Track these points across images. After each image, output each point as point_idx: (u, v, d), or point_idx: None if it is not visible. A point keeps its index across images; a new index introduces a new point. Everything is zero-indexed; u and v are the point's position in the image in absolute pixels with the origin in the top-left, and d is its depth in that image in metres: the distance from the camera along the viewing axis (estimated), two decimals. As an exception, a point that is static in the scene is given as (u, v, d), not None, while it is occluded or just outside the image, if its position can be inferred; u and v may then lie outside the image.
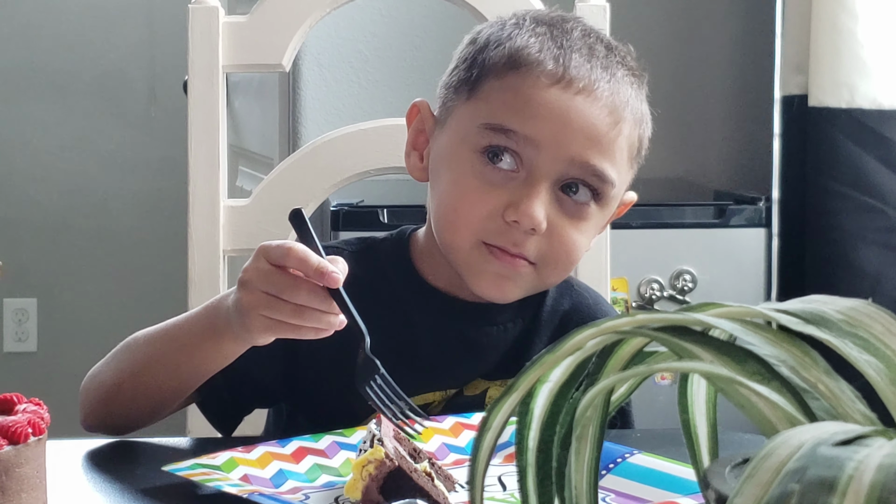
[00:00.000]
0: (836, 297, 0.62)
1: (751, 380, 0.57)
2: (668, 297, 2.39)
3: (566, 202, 1.31)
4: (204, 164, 1.61)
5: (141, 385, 1.30)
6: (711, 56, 2.82)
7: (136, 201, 3.85)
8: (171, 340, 1.29)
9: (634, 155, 1.35)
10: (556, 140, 1.29)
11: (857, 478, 0.46)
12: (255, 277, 1.19)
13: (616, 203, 1.36)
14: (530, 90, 1.30)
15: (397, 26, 2.74)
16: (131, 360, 1.31)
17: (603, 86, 1.31)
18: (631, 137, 1.33)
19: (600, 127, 1.30)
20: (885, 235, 2.33)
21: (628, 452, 1.18)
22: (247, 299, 1.20)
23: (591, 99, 1.30)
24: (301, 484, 1.15)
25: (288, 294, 1.18)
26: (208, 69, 1.61)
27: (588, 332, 0.62)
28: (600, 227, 1.37)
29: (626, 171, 1.34)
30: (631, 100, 1.33)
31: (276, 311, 1.19)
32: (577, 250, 1.33)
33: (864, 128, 2.32)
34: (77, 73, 3.84)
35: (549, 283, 1.36)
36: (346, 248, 1.40)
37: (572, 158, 1.29)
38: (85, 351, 3.97)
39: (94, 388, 1.33)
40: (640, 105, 1.34)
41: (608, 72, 1.32)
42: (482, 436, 0.62)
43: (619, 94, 1.32)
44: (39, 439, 0.96)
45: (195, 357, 1.28)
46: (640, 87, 1.36)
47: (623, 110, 1.31)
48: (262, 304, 1.19)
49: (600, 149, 1.30)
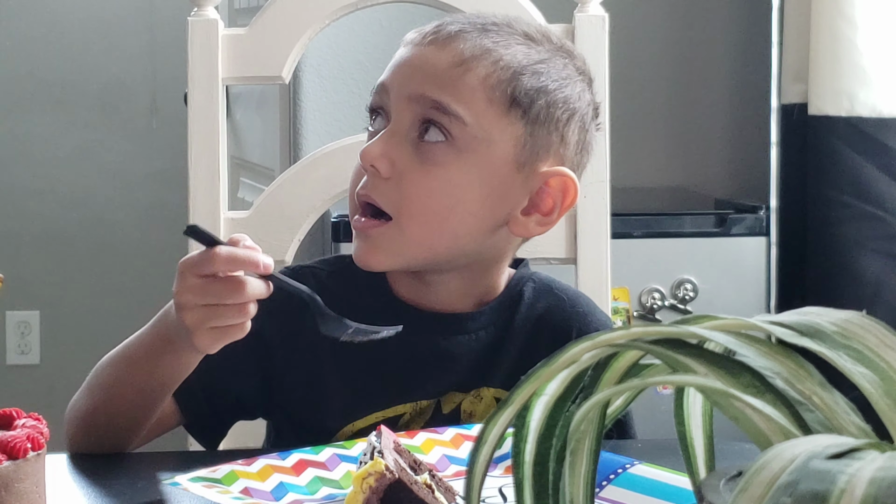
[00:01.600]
0: (830, 309, 0.62)
1: (745, 393, 0.57)
2: (669, 307, 2.39)
3: (422, 147, 1.30)
4: (204, 176, 1.61)
5: (112, 408, 1.30)
6: (711, 65, 2.83)
7: (137, 213, 3.86)
8: (131, 361, 1.29)
9: (507, 101, 1.29)
10: (398, 81, 1.31)
11: (849, 491, 0.46)
12: (191, 294, 1.18)
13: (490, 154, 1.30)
14: (398, 53, 1.35)
15: (398, 37, 2.73)
16: (100, 386, 1.32)
17: (463, 36, 1.31)
18: (490, 79, 1.29)
19: (439, 65, 1.30)
20: (886, 244, 2.33)
21: (629, 463, 1.18)
22: (190, 319, 1.18)
23: (441, 45, 1.31)
24: (302, 496, 1.15)
25: (231, 297, 1.17)
26: (208, 81, 1.61)
27: (583, 345, 0.62)
28: (483, 189, 1.30)
29: (491, 115, 1.29)
30: (500, 48, 1.31)
31: (223, 318, 1.18)
32: (432, 197, 1.29)
33: (863, 136, 2.32)
34: (78, 84, 3.85)
35: (416, 240, 1.30)
36: (324, 269, 1.40)
37: (410, 95, 1.30)
38: (88, 363, 3.96)
39: (73, 416, 1.34)
40: (521, 58, 1.31)
41: (480, 30, 1.32)
42: (478, 449, 0.62)
43: (480, 43, 1.31)
44: (39, 454, 0.96)
45: (156, 373, 1.27)
46: (551, 54, 1.33)
47: (479, 55, 1.30)
48: (208, 318, 1.18)
49: (438, 83, 1.29)
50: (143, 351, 1.28)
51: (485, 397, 1.35)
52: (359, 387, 1.34)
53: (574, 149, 1.34)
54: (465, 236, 1.31)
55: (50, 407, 1.42)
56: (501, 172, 1.30)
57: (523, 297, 1.38)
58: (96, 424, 1.31)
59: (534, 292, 1.38)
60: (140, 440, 1.34)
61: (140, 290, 3.80)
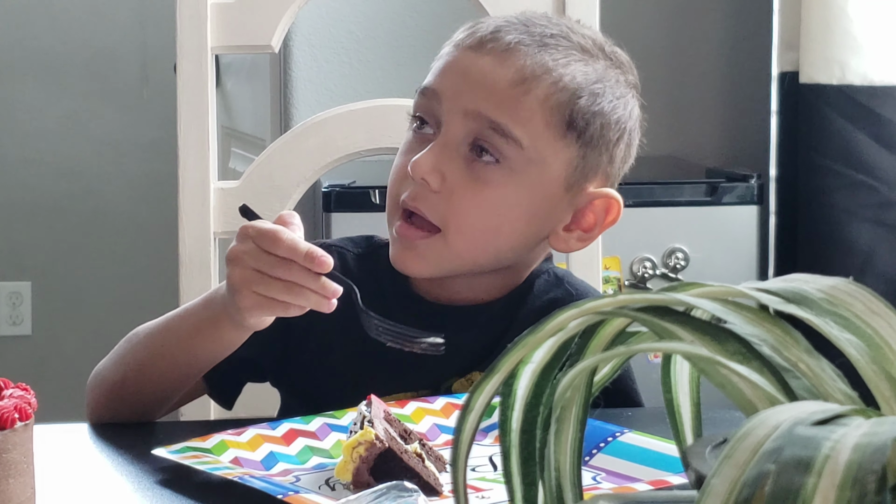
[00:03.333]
0: (817, 276, 0.62)
1: (731, 360, 0.57)
2: (660, 276, 2.39)
3: (475, 165, 1.29)
4: (194, 146, 1.61)
5: (144, 379, 1.30)
6: (703, 34, 2.82)
7: (128, 183, 3.85)
8: (171, 332, 1.29)
9: (565, 125, 1.28)
10: (453, 92, 1.29)
11: (834, 457, 0.46)
12: (245, 255, 1.19)
13: (543, 175, 1.29)
14: (450, 55, 1.32)
15: (388, 6, 2.73)
16: (134, 355, 1.31)
17: (522, 49, 1.28)
18: (549, 101, 1.28)
19: (499, 82, 1.28)
20: (877, 212, 2.33)
21: (619, 431, 1.18)
22: (238, 275, 1.19)
23: (501, 59, 1.29)
24: (292, 466, 1.15)
25: (280, 272, 1.18)
26: (197, 50, 1.61)
27: (570, 312, 0.62)
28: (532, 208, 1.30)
29: (547, 138, 1.28)
30: (559, 67, 1.28)
31: (267, 288, 1.18)
32: (482, 216, 1.29)
33: (855, 104, 2.32)
34: (68, 54, 3.83)
35: (461, 254, 1.30)
36: (352, 250, 1.40)
37: (466, 110, 1.28)
38: (80, 333, 3.98)
39: (98, 384, 1.33)
40: (581, 79, 1.29)
41: (539, 43, 1.30)
42: (465, 417, 0.62)
43: (540, 59, 1.28)
44: (26, 424, 0.96)
45: (195, 347, 1.28)
46: (605, 70, 1.32)
47: (540, 72, 1.28)
48: (254, 281, 1.18)
49: (497, 103, 1.27)
50: (187, 326, 1.28)
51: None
52: (363, 371, 1.34)
53: (619, 164, 1.35)
54: (508, 251, 1.33)
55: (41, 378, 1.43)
56: (550, 192, 1.31)
57: (532, 290, 1.38)
58: (124, 395, 1.31)
59: (545, 285, 1.39)
60: (165, 412, 1.35)
61: (131, 261, 3.80)
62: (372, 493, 0.98)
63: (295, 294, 1.18)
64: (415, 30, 2.71)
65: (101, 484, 1.14)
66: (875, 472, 0.45)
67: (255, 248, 1.18)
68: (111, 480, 1.14)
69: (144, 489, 1.10)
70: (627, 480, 1.12)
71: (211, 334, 1.26)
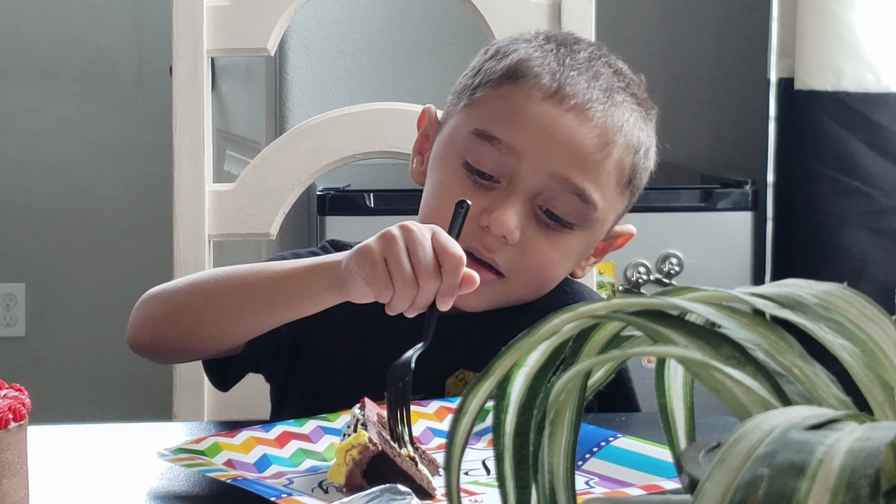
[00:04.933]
0: (811, 281, 0.62)
1: (725, 364, 0.57)
2: (654, 281, 2.39)
3: (545, 219, 1.31)
4: (189, 149, 1.61)
5: (214, 308, 1.27)
6: (699, 40, 2.82)
7: (123, 186, 3.85)
8: (261, 270, 1.26)
9: (625, 183, 1.33)
10: (538, 152, 1.29)
11: (827, 462, 0.46)
12: (409, 233, 1.16)
13: (602, 230, 1.35)
14: (522, 101, 1.31)
15: (384, 10, 2.73)
16: (211, 284, 1.28)
17: (597, 107, 1.30)
18: (622, 163, 1.32)
19: (586, 146, 1.29)
20: (872, 218, 2.33)
21: (612, 436, 1.18)
22: (389, 234, 1.16)
23: (582, 118, 1.30)
24: (285, 469, 1.15)
25: (421, 270, 1.15)
26: (193, 54, 1.61)
27: (564, 316, 0.62)
28: (583, 253, 1.35)
29: (613, 198, 1.33)
30: (627, 125, 1.32)
31: (397, 266, 1.15)
32: (551, 268, 1.32)
33: (850, 111, 2.32)
34: (64, 57, 3.83)
35: (518, 298, 1.34)
36: None
37: (552, 173, 1.29)
38: (74, 335, 3.98)
39: (159, 303, 1.30)
40: (638, 133, 1.33)
41: (607, 94, 1.31)
42: (458, 420, 0.62)
43: (614, 118, 1.31)
44: (20, 425, 0.96)
45: (278, 287, 1.23)
46: (643, 117, 1.35)
47: (615, 134, 1.31)
48: (396, 250, 1.15)
49: (583, 167, 1.29)
50: (284, 267, 1.24)
51: (467, 380, 1.36)
52: (359, 377, 1.34)
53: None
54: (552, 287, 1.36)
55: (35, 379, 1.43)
56: (599, 238, 1.36)
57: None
58: (183, 320, 1.28)
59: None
60: (204, 355, 1.33)
61: (125, 263, 3.79)
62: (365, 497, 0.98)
63: (405, 286, 1.15)
64: (410, 33, 2.72)
65: (95, 485, 1.14)
66: (868, 476, 0.45)
67: (426, 236, 1.16)
68: (104, 482, 1.14)
69: (138, 491, 1.10)
70: (621, 485, 1.12)
71: (306, 280, 1.22)
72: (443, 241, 1.16)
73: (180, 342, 1.30)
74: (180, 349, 1.31)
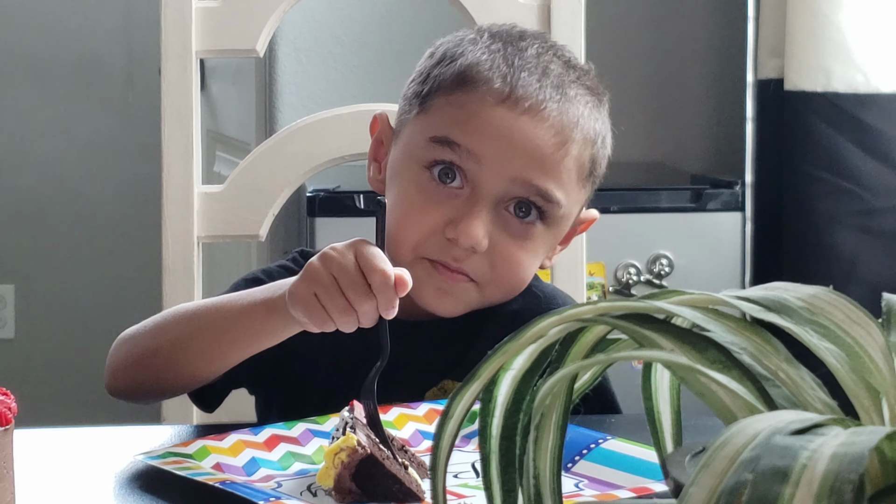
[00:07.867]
0: (797, 285, 0.62)
1: (711, 368, 0.57)
2: (645, 282, 2.39)
3: (511, 222, 1.31)
4: (178, 150, 1.61)
5: (180, 352, 1.28)
6: (688, 40, 2.82)
7: (113, 187, 3.84)
8: (222, 310, 1.26)
9: (586, 175, 1.34)
10: (498, 158, 1.30)
11: (811, 467, 0.46)
12: (331, 261, 1.17)
13: (567, 223, 1.36)
14: (476, 107, 1.31)
15: (374, 11, 2.73)
16: (175, 326, 1.29)
17: (551, 105, 1.30)
18: (581, 158, 1.32)
19: (544, 148, 1.30)
20: (861, 219, 2.33)
21: (601, 438, 1.18)
22: (312, 269, 1.17)
23: (537, 119, 1.30)
24: (273, 472, 1.15)
25: (352, 296, 1.16)
26: (181, 54, 1.60)
27: (550, 319, 0.62)
28: (550, 247, 1.37)
29: (575, 192, 1.33)
30: (582, 119, 1.32)
31: (329, 299, 1.16)
32: (522, 271, 1.33)
33: (840, 111, 2.32)
34: (53, 58, 3.82)
35: (492, 301, 1.35)
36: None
37: (514, 177, 1.30)
38: (63, 337, 3.97)
39: (129, 348, 1.31)
40: (593, 124, 1.34)
41: (559, 91, 1.32)
42: (444, 423, 0.62)
43: (569, 114, 1.31)
44: (6, 429, 0.95)
45: (238, 327, 1.25)
46: (596, 106, 1.35)
47: (572, 130, 1.31)
48: (323, 285, 1.16)
49: (544, 169, 1.30)
50: (235, 304, 1.25)
51: (448, 391, 1.35)
52: (339, 385, 1.33)
53: None
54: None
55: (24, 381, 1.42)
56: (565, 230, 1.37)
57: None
58: (152, 365, 1.29)
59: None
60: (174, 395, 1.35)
61: (115, 264, 3.79)
62: None
63: (345, 318, 1.17)
64: (400, 35, 2.71)
65: (83, 489, 1.13)
66: (852, 481, 0.45)
67: (351, 262, 1.16)
68: (92, 486, 1.14)
69: (126, 495, 1.10)
70: (610, 487, 1.12)
71: (262, 318, 1.23)
72: (367, 257, 1.16)
73: (154, 385, 1.31)
74: (156, 391, 1.32)
